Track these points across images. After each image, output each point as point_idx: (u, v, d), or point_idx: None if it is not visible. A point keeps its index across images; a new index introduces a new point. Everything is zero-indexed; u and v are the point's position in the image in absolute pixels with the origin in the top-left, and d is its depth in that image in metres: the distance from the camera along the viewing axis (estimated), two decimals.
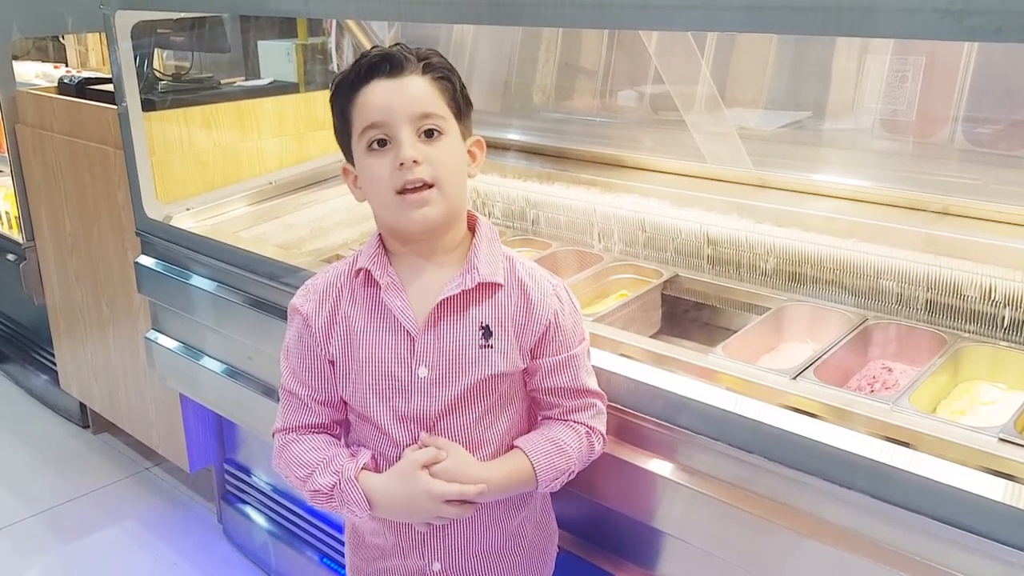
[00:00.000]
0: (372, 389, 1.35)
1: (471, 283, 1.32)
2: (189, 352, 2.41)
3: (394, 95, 1.27)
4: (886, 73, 1.97)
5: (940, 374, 1.55)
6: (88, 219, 2.84)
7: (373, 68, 1.28)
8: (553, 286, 1.39)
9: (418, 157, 1.26)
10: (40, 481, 3.15)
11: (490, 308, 1.34)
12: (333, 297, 1.38)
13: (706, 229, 2.04)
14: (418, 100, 1.28)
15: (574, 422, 1.40)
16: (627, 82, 2.47)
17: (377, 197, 1.31)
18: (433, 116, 1.28)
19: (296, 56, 3.07)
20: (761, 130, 2.21)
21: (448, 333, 1.33)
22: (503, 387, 1.36)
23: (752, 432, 1.34)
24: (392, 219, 1.31)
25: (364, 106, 1.28)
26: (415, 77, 1.29)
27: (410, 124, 1.27)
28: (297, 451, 1.39)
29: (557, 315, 1.36)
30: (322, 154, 2.74)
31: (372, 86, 1.28)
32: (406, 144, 1.26)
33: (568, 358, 1.38)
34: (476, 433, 1.35)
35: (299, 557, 2.46)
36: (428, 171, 1.27)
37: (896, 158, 2.00)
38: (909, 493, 1.19)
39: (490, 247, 1.37)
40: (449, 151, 1.30)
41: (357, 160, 1.32)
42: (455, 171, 1.31)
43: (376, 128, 1.27)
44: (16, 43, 3.35)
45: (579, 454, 1.38)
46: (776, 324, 1.81)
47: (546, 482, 1.36)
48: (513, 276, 1.36)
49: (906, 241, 1.78)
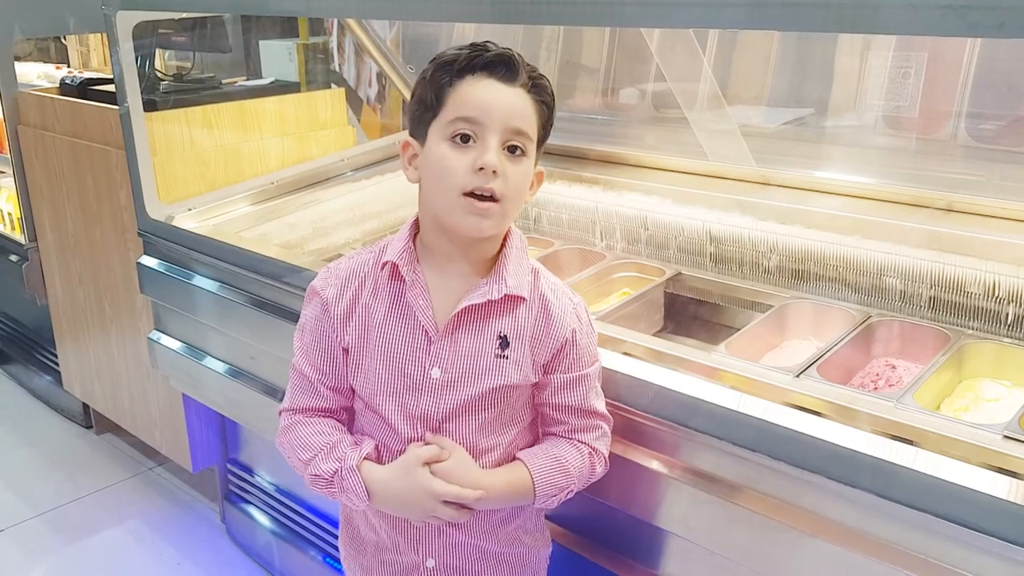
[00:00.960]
0: (383, 383, 1.35)
1: (497, 294, 1.31)
2: (192, 352, 2.41)
3: (499, 99, 1.25)
4: (889, 69, 1.97)
5: (944, 371, 1.55)
6: (90, 220, 2.84)
7: (489, 65, 1.25)
8: (574, 305, 1.39)
9: (499, 169, 1.24)
10: (43, 482, 3.15)
11: (510, 319, 1.33)
12: (355, 285, 1.37)
13: (709, 227, 2.04)
14: (518, 114, 1.25)
15: (578, 441, 1.39)
16: (629, 80, 2.47)
17: (440, 188, 1.27)
18: (524, 135, 1.26)
19: (298, 56, 3.07)
20: (764, 127, 2.21)
21: (466, 339, 1.32)
22: (513, 398, 1.36)
23: (755, 430, 1.34)
24: (448, 215, 1.28)
25: (466, 96, 1.25)
26: (522, 91, 1.27)
27: (502, 133, 1.24)
28: (302, 433, 1.39)
29: (575, 333, 1.36)
30: (324, 154, 2.74)
31: (481, 80, 1.25)
32: (492, 150, 1.24)
33: (579, 377, 1.38)
34: (481, 440, 1.35)
35: (302, 557, 2.46)
36: (501, 185, 1.24)
37: (899, 155, 1.99)
38: (913, 491, 1.19)
39: (519, 259, 1.36)
40: (524, 173, 1.28)
41: (432, 143, 1.28)
42: (522, 193, 1.30)
43: (468, 123, 1.24)
44: (18, 44, 3.35)
45: (579, 473, 1.38)
46: (779, 322, 1.80)
47: (543, 498, 1.36)
48: (536, 290, 1.35)
49: (910, 238, 1.78)
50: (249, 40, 3.25)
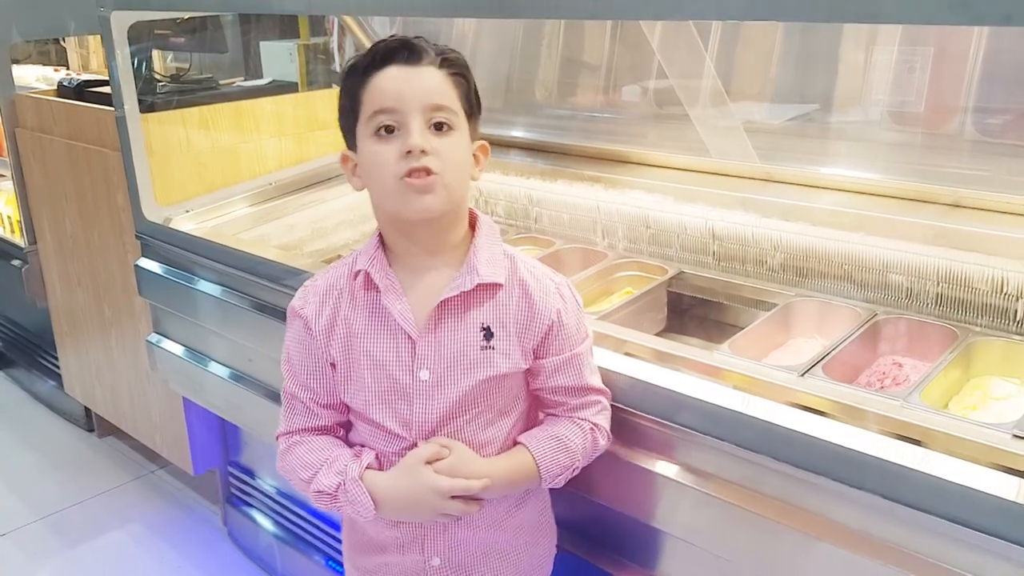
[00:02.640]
0: (373, 392, 1.34)
1: (469, 285, 1.30)
2: (191, 355, 2.39)
3: (408, 83, 1.25)
4: (894, 64, 1.95)
5: (952, 369, 1.52)
6: (89, 222, 2.83)
7: (390, 53, 1.26)
8: (556, 284, 1.37)
9: (426, 147, 1.24)
10: (45, 485, 3.14)
11: (491, 308, 1.32)
12: (333, 299, 1.37)
13: (712, 225, 2.01)
14: (432, 91, 1.26)
15: (579, 419, 1.39)
16: (630, 77, 2.45)
17: (379, 183, 1.28)
18: (445, 109, 1.26)
19: (298, 56, 3.05)
20: (767, 123, 2.19)
21: (449, 335, 1.31)
22: (505, 388, 1.35)
23: (760, 431, 1.32)
24: (392, 206, 1.28)
25: (376, 90, 1.26)
26: (431, 68, 1.27)
27: (421, 114, 1.25)
28: (301, 453, 1.38)
29: (560, 313, 1.35)
30: (322, 154, 2.72)
31: (387, 71, 1.26)
32: (415, 132, 1.24)
33: (571, 357, 1.37)
34: (480, 434, 1.34)
35: (304, 560, 2.44)
36: (435, 162, 1.24)
37: (905, 150, 1.97)
38: (921, 492, 1.17)
39: (490, 246, 1.35)
40: (457, 147, 1.28)
41: (361, 145, 1.30)
42: (461, 167, 1.29)
43: (386, 113, 1.25)
44: (17, 47, 3.34)
45: (583, 450, 1.37)
46: (784, 320, 1.78)
47: (549, 478, 1.35)
48: (514, 275, 1.34)
49: (916, 234, 1.76)
50: (248, 41, 3.23)
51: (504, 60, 2.68)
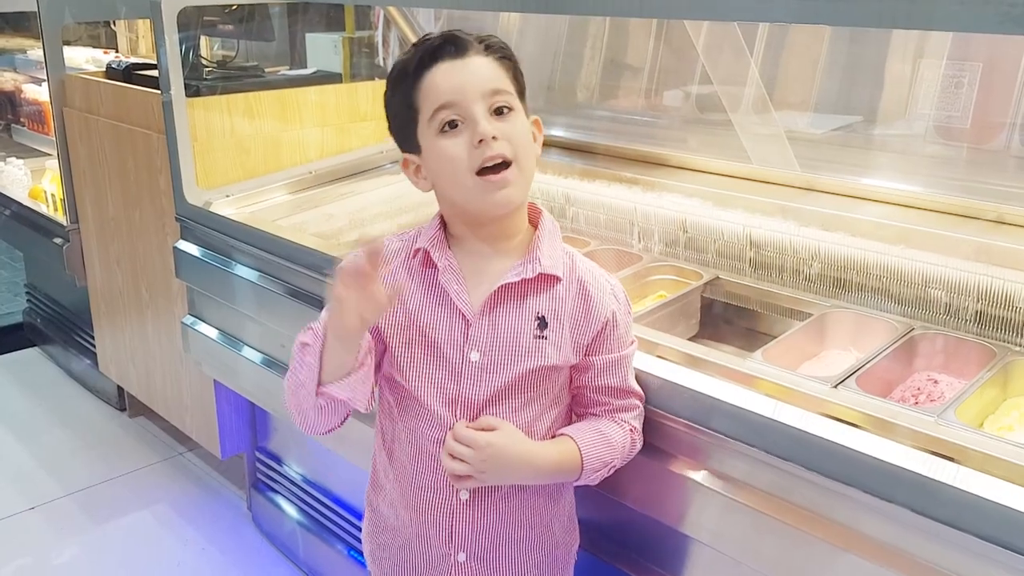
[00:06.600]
0: (421, 368, 1.34)
1: (532, 272, 1.31)
2: (225, 339, 2.42)
3: (463, 74, 1.26)
4: (941, 79, 1.92)
5: (988, 388, 1.50)
6: (130, 203, 2.86)
7: (437, 50, 1.27)
8: (611, 286, 1.39)
9: (496, 133, 1.25)
10: (76, 462, 3.19)
11: (548, 300, 1.33)
12: (394, 266, 1.37)
13: (749, 231, 2.00)
14: (487, 78, 1.27)
15: (620, 419, 1.39)
16: (673, 80, 2.44)
17: (454, 180, 1.28)
18: (503, 92, 1.27)
19: (343, 49, 3.07)
20: (810, 132, 2.16)
21: (503, 320, 1.32)
22: (551, 380, 1.35)
23: (790, 440, 1.30)
24: (472, 203, 1.29)
25: (433, 88, 1.27)
26: (479, 57, 1.28)
27: (483, 101, 1.26)
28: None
29: (615, 314, 1.36)
30: (363, 145, 2.73)
31: (438, 68, 1.27)
32: (482, 120, 1.25)
33: (620, 358, 1.38)
34: (522, 423, 1.34)
35: (327, 548, 2.45)
36: (507, 147, 1.25)
37: (949, 164, 1.94)
38: (953, 509, 1.15)
39: (552, 242, 1.36)
40: (521, 127, 1.29)
41: (427, 145, 1.30)
42: (529, 146, 1.30)
43: (448, 108, 1.26)
44: (69, 28, 3.39)
45: (622, 449, 1.38)
46: (818, 331, 1.76)
47: (590, 471, 1.35)
48: (573, 273, 1.36)
49: (958, 249, 1.73)
50: (295, 33, 3.26)
51: (547, 60, 2.68)
